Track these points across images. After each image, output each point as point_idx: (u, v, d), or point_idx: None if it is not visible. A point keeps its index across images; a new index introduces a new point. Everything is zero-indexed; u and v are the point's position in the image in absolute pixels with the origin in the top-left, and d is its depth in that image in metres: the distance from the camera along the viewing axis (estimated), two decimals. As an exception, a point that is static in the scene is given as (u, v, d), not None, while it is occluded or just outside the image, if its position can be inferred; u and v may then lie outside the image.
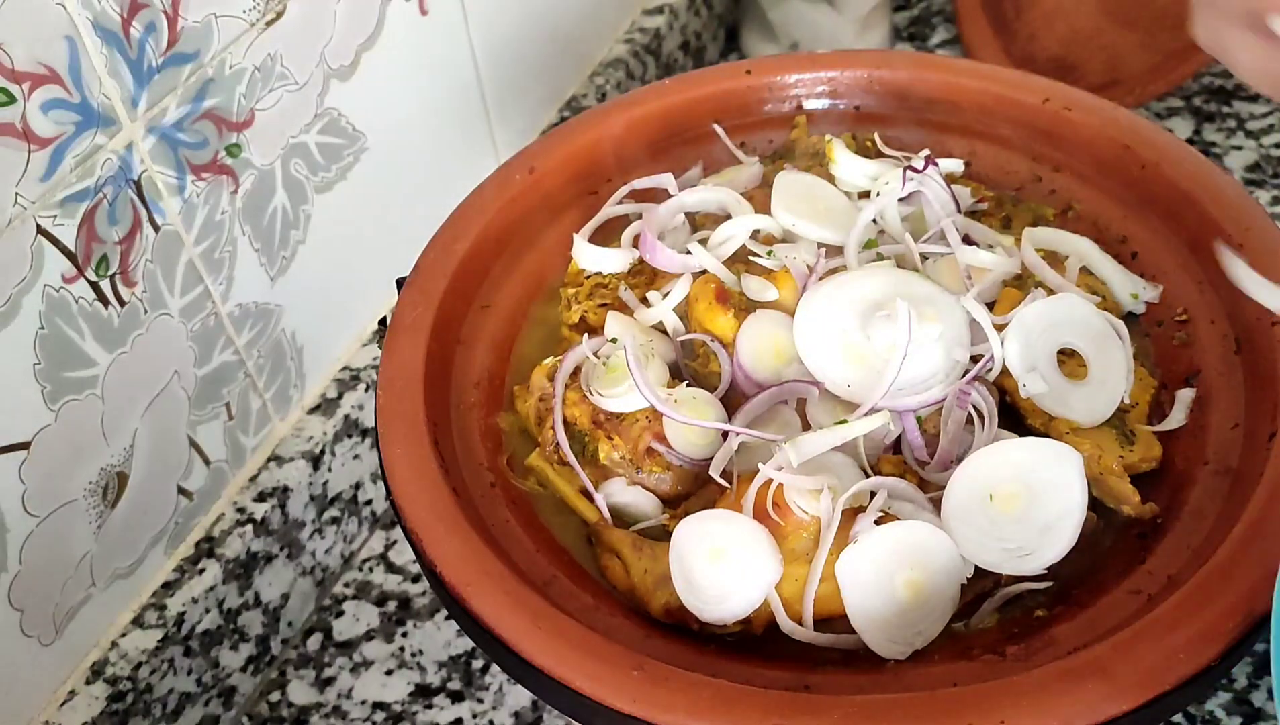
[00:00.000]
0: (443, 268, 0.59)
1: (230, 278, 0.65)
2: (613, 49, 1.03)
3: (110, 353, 0.58)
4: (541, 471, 0.55)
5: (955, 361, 0.51)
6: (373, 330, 0.79)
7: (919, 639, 0.46)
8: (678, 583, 0.47)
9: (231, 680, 0.67)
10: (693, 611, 0.47)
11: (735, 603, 0.47)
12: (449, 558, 0.48)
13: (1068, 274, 0.57)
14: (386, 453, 0.52)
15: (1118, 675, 0.40)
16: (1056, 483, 0.47)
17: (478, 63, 0.83)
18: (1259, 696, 0.61)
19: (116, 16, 0.54)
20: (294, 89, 0.66)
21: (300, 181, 0.69)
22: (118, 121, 0.55)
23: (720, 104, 0.69)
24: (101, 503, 0.59)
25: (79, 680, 0.60)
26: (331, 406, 0.74)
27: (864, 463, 0.51)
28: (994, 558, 0.46)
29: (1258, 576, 0.43)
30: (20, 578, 0.55)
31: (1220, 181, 0.58)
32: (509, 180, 0.64)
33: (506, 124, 0.89)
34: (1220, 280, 0.56)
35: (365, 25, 0.71)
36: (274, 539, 0.69)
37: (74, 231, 0.54)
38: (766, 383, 0.54)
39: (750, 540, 0.47)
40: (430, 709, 0.67)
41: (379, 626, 0.72)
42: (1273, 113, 0.95)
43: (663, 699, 0.42)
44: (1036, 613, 0.47)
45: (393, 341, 0.56)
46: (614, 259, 0.61)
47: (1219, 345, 0.54)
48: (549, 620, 0.45)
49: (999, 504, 0.47)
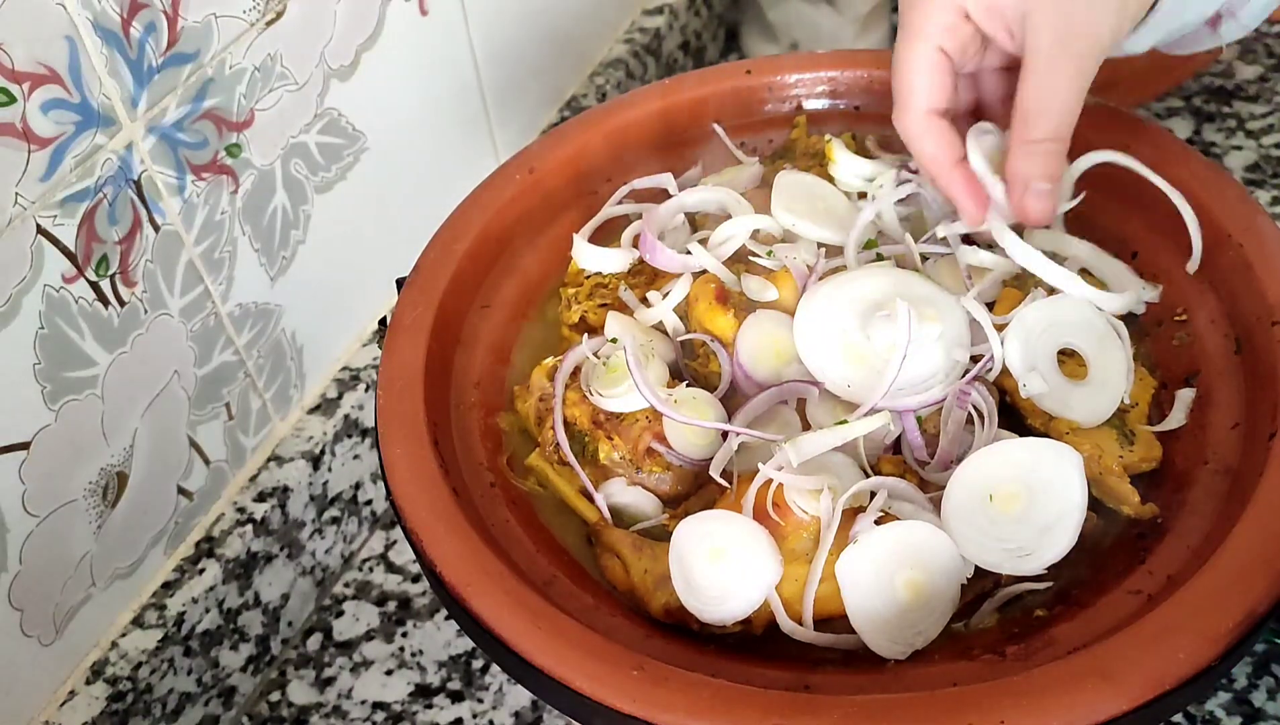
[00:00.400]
0: (443, 268, 0.59)
1: (230, 278, 0.65)
2: (613, 49, 1.03)
3: (110, 353, 0.58)
4: (541, 471, 0.55)
5: (955, 361, 0.51)
6: (373, 330, 0.79)
7: (919, 639, 0.46)
8: (677, 583, 0.47)
9: (231, 680, 0.67)
10: (692, 612, 0.47)
11: (735, 604, 0.47)
12: (449, 558, 0.48)
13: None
14: (386, 453, 0.52)
15: (1118, 675, 0.40)
16: (1056, 483, 0.47)
17: (478, 63, 0.83)
18: (1259, 696, 0.61)
19: (116, 16, 0.54)
20: (294, 89, 0.66)
21: (300, 181, 0.69)
22: (118, 121, 0.55)
23: (720, 104, 0.69)
24: (101, 503, 0.59)
25: (79, 680, 0.60)
26: (331, 406, 0.74)
27: (864, 463, 0.51)
28: (994, 558, 0.46)
29: (1258, 576, 0.43)
30: (20, 578, 0.55)
31: (1220, 181, 0.58)
32: (509, 180, 0.64)
33: (506, 124, 0.89)
34: (1220, 280, 0.56)
35: (365, 25, 0.71)
36: (274, 539, 0.69)
37: (74, 231, 0.54)
38: (766, 383, 0.54)
39: (750, 541, 0.47)
40: (430, 709, 0.67)
41: (379, 626, 0.72)
42: (1273, 113, 0.95)
43: (663, 699, 0.42)
44: (1036, 613, 0.47)
45: (393, 341, 0.56)
46: (614, 259, 0.61)
47: (1219, 345, 0.54)
48: (549, 620, 0.45)
49: (999, 504, 0.47)
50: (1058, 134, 0.50)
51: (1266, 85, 0.98)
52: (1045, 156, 0.50)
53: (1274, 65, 0.99)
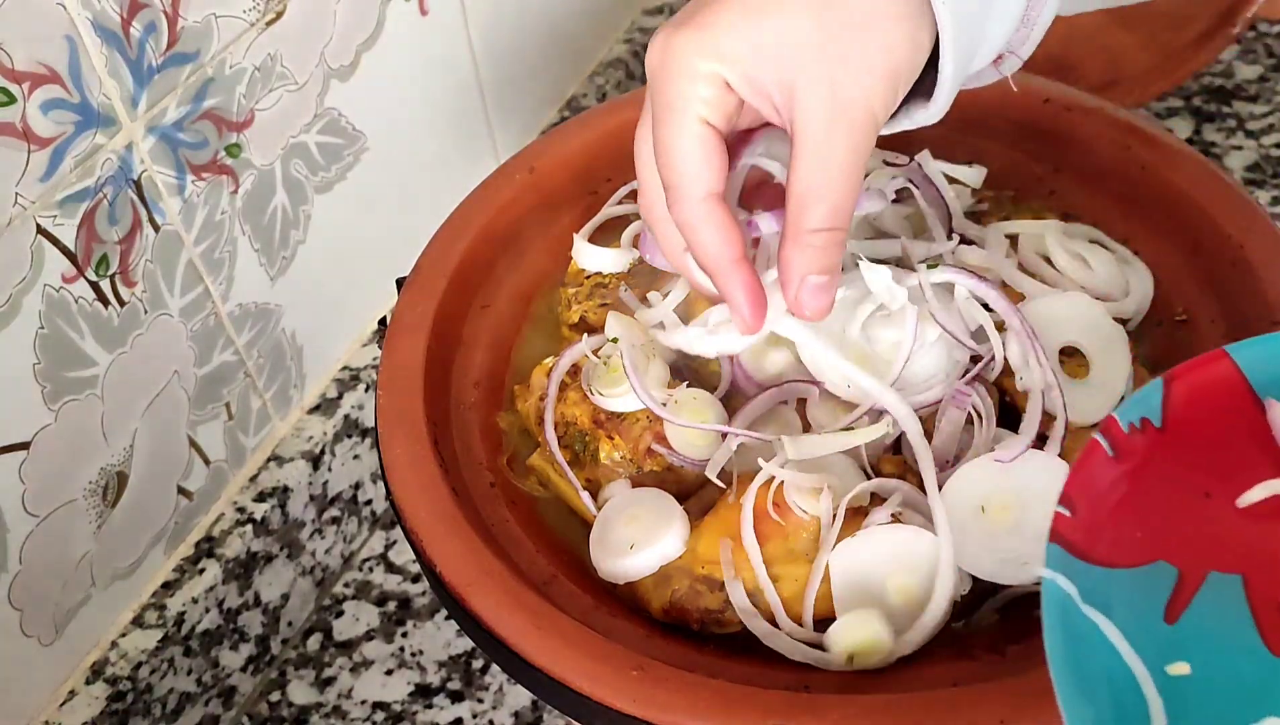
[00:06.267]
0: (443, 268, 0.59)
1: (230, 278, 0.65)
2: (613, 49, 1.03)
3: (110, 353, 0.58)
4: (542, 471, 0.55)
5: (956, 361, 0.51)
6: (373, 330, 0.79)
7: (904, 647, 0.45)
8: (593, 535, 0.50)
9: (231, 680, 0.67)
10: (594, 562, 0.50)
11: (633, 564, 0.49)
12: (449, 558, 0.48)
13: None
14: (386, 453, 0.52)
15: (1118, 675, 0.40)
16: (1046, 493, 0.47)
17: (478, 63, 0.83)
18: (1259, 696, 0.61)
19: (116, 16, 0.54)
20: (294, 89, 0.66)
21: (300, 181, 0.69)
22: (118, 121, 0.55)
23: (720, 104, 0.69)
24: (101, 503, 0.59)
25: (79, 680, 0.60)
26: (331, 406, 0.74)
27: (864, 463, 0.51)
28: (992, 568, 0.46)
29: (1258, 576, 0.43)
30: (20, 578, 0.55)
31: (1220, 181, 0.58)
32: (509, 180, 0.64)
33: (506, 124, 0.89)
34: (1220, 280, 0.56)
35: (365, 25, 0.71)
36: (274, 539, 0.69)
37: (74, 231, 0.54)
38: (766, 383, 0.54)
39: (664, 518, 0.49)
40: (430, 709, 0.67)
41: (379, 626, 0.72)
42: (1273, 113, 0.95)
43: (663, 699, 0.42)
44: (1037, 613, 0.47)
45: (393, 341, 0.56)
46: (614, 259, 0.61)
47: (1219, 345, 0.54)
48: (549, 620, 0.45)
49: (991, 515, 0.47)
50: (835, 221, 0.44)
51: (1266, 85, 0.98)
52: (822, 248, 0.44)
53: (1274, 65, 1.00)
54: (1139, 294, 0.57)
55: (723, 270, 0.46)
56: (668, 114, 0.45)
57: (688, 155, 0.45)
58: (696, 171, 0.45)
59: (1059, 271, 0.57)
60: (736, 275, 0.46)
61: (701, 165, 0.45)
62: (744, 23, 0.43)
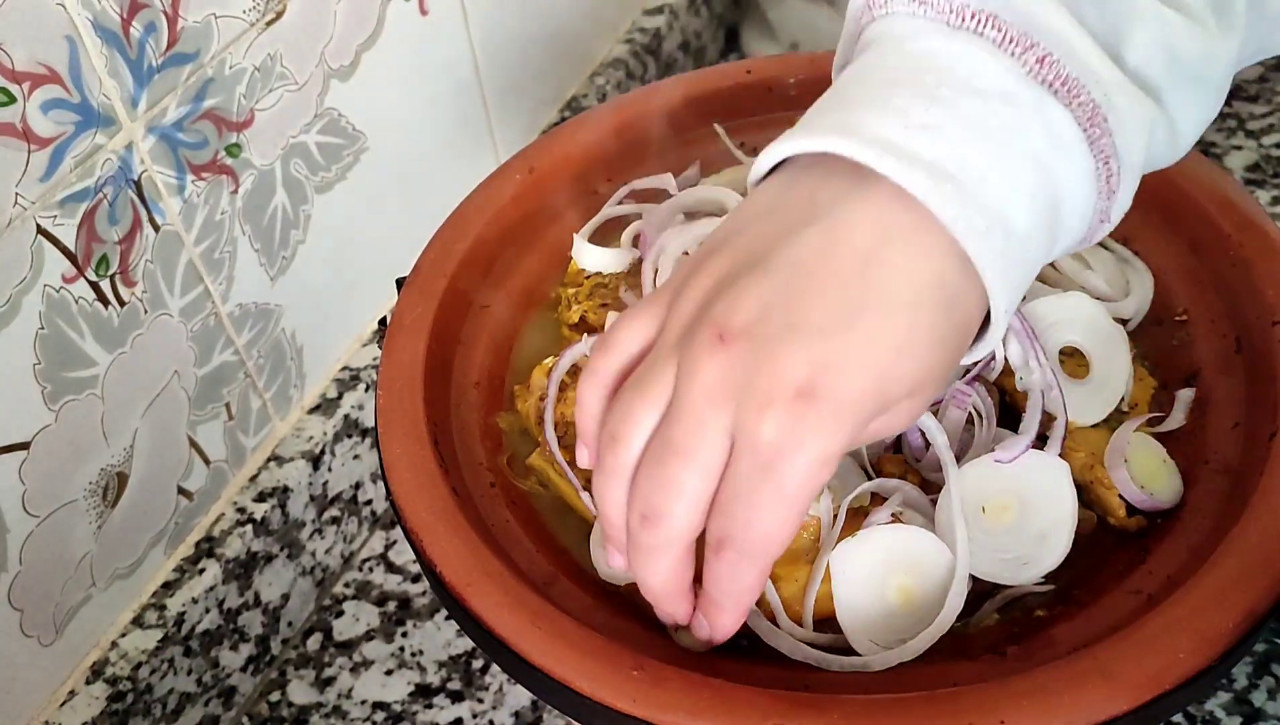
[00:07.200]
0: (443, 268, 0.59)
1: (230, 278, 0.65)
2: (613, 49, 1.03)
3: (110, 353, 0.58)
4: (542, 471, 0.55)
5: (955, 361, 0.51)
6: (373, 330, 0.79)
7: (906, 652, 0.45)
8: (593, 535, 0.51)
9: (231, 680, 0.67)
10: (594, 563, 0.50)
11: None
12: (449, 558, 0.48)
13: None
14: (386, 453, 0.52)
15: (1118, 675, 0.40)
16: (1047, 493, 0.47)
17: (478, 63, 0.83)
18: (1259, 696, 0.61)
19: (116, 16, 0.54)
20: (294, 89, 0.66)
21: (300, 181, 0.69)
22: (118, 121, 0.55)
23: (720, 104, 0.69)
24: (101, 503, 0.59)
25: (79, 680, 0.60)
26: (331, 406, 0.74)
27: (865, 463, 0.51)
28: (992, 568, 0.46)
29: (1258, 576, 0.43)
30: (20, 578, 0.55)
31: (1220, 181, 0.58)
32: (509, 180, 0.64)
33: (506, 124, 0.89)
34: (1220, 280, 0.56)
35: (365, 25, 0.71)
36: (274, 539, 0.69)
37: (74, 231, 0.54)
38: (766, 383, 0.53)
39: None
40: (430, 709, 0.67)
41: (379, 626, 0.72)
42: (1273, 113, 0.95)
43: (663, 699, 0.42)
44: (1037, 613, 0.47)
45: (393, 341, 0.56)
46: (614, 259, 0.61)
47: (1219, 345, 0.54)
48: (549, 620, 0.45)
49: (992, 516, 0.47)
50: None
51: (1266, 85, 0.98)
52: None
53: (1274, 65, 0.99)
54: (1139, 294, 0.57)
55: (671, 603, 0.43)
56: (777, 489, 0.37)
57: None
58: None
59: (1059, 271, 0.57)
60: (684, 605, 0.43)
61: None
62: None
